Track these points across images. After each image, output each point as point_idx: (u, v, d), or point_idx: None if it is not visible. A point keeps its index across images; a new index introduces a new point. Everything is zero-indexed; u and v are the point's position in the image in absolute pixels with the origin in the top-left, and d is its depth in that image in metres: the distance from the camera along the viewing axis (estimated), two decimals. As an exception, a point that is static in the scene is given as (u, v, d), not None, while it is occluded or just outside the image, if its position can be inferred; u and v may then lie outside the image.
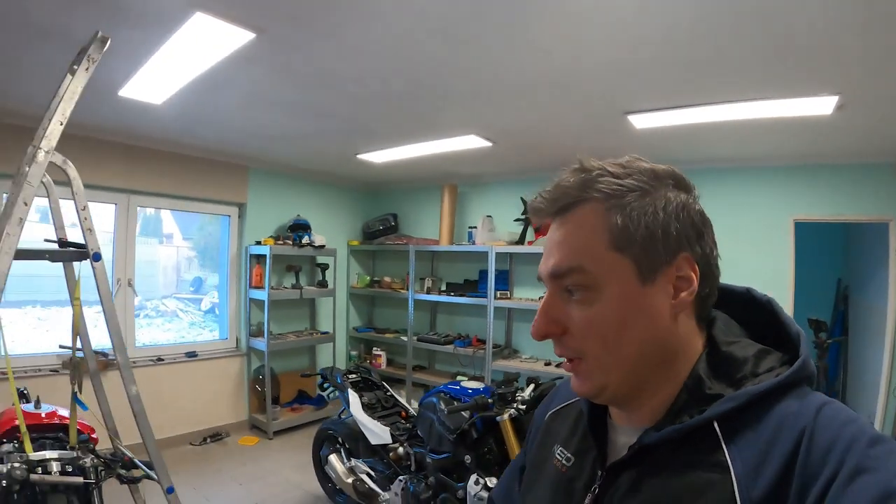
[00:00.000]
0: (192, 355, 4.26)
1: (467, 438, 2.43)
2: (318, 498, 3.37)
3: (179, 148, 3.98)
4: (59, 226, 1.88)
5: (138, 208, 4.03)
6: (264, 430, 4.39)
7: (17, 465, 1.58)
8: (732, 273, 0.71)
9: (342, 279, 5.22)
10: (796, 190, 3.66)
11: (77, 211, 1.63)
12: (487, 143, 3.51)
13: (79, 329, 1.90)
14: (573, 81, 2.46)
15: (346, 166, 4.54)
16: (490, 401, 2.41)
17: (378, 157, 4.03)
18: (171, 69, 2.53)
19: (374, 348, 5.13)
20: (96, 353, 3.66)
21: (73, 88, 1.51)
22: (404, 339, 4.87)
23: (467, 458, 2.42)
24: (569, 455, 0.70)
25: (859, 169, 3.49)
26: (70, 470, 1.74)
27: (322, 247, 4.58)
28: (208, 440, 4.17)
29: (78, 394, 1.92)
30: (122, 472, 1.82)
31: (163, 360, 4.10)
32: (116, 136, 3.70)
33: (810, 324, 4.45)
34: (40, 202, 2.09)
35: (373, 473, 2.89)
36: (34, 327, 4.00)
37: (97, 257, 1.62)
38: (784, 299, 3.64)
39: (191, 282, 6.00)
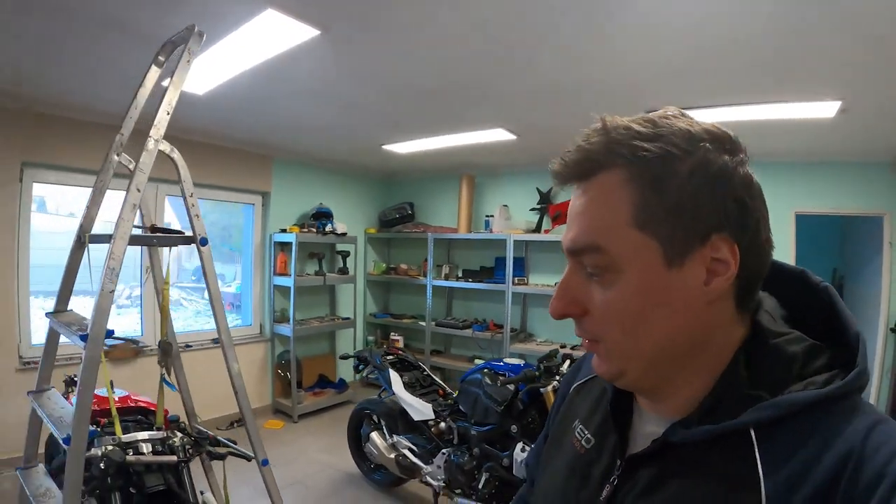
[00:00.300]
0: (217, 342, 4.36)
1: (513, 409, 2.62)
2: (352, 476, 3.52)
3: (208, 138, 4.06)
4: (145, 213, 1.99)
5: (167, 197, 4.11)
6: (289, 413, 4.52)
7: (111, 447, 1.61)
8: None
9: (360, 266, 5.37)
10: (798, 184, 3.91)
11: (185, 197, 1.74)
12: (512, 137, 3.67)
13: (167, 314, 2.00)
14: (607, 86, 2.64)
15: (369, 156, 4.67)
16: (536, 374, 2.60)
17: (403, 147, 4.17)
18: (224, 62, 2.63)
19: (392, 333, 5.30)
20: (127, 340, 3.79)
21: (178, 78, 1.62)
22: (422, 323, 5.05)
23: (513, 428, 2.60)
24: (588, 436, 0.65)
25: (858, 167, 3.75)
26: (160, 449, 1.79)
27: (344, 234, 4.71)
28: (235, 424, 4.29)
29: (166, 376, 2.03)
30: (210, 449, 1.92)
31: (191, 346, 4.19)
32: (147, 126, 3.78)
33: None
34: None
35: (415, 448, 3.05)
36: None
37: (204, 242, 1.73)
38: None
39: (192, 271, 6.06)
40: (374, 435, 3.20)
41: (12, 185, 3.28)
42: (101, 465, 1.65)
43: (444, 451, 2.89)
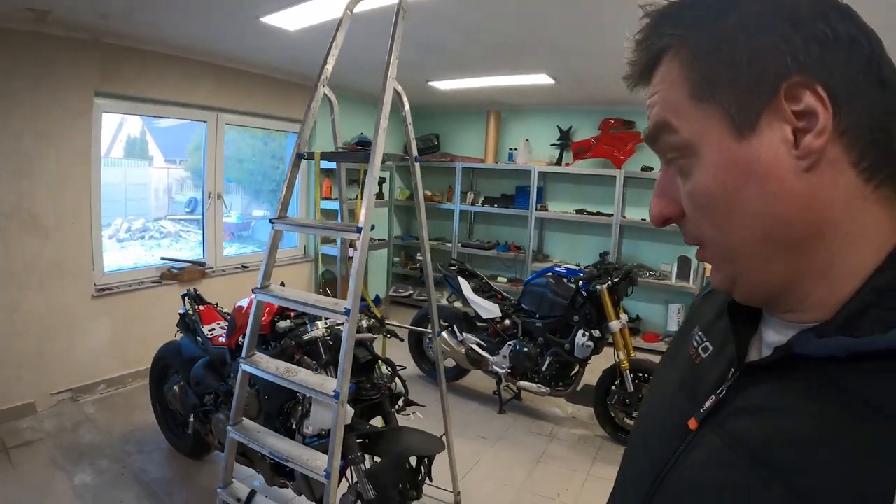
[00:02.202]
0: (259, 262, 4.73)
1: (576, 303, 3.27)
2: (414, 378, 3.94)
3: (269, 71, 4.23)
4: (338, 135, 2.38)
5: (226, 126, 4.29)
6: (332, 325, 5.02)
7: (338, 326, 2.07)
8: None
9: (388, 192, 5.76)
10: None
11: (406, 125, 2.28)
12: (551, 82, 4.10)
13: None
14: None
15: (409, 92, 4.91)
16: (598, 273, 3.26)
17: (446, 85, 4.51)
18: (323, 7, 2.83)
19: (418, 254, 5.82)
20: (194, 262, 4.08)
21: (399, 31, 2.00)
22: (448, 244, 5.60)
23: (575, 318, 3.27)
24: (706, 343, 0.57)
25: None
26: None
27: (384, 162, 5.06)
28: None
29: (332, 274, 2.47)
30: (389, 328, 2.41)
31: (247, 267, 4.54)
32: (213, 58, 3.92)
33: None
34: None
35: (482, 343, 3.66)
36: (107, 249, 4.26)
37: (417, 160, 2.21)
38: None
39: (185, 203, 6.15)
40: (445, 334, 3.77)
41: (86, 115, 3.39)
42: (330, 340, 2.16)
43: (510, 342, 3.53)
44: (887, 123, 0.41)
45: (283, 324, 2.36)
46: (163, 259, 4.00)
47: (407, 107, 2.16)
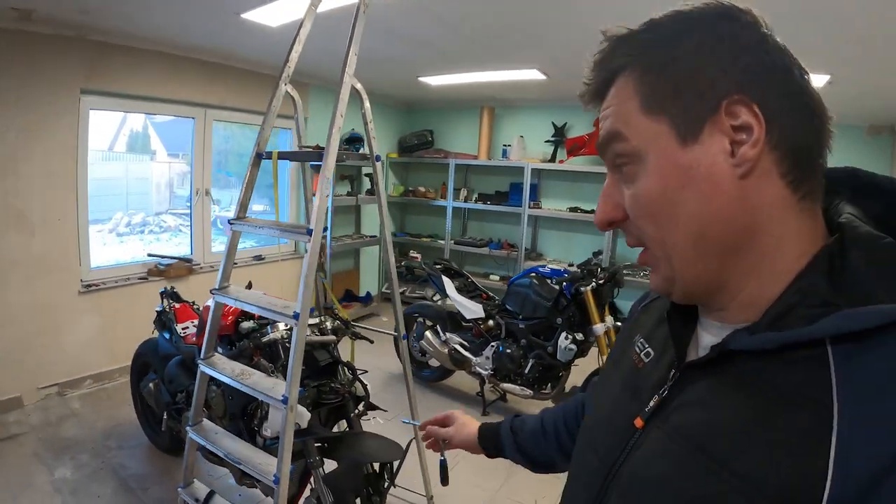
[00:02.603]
0: (258, 258, 4.75)
1: (559, 305, 3.21)
2: (397, 375, 3.99)
3: (258, 66, 4.21)
4: (301, 135, 2.35)
5: (214, 122, 4.29)
6: (323, 322, 5.02)
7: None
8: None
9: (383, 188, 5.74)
10: None
11: (365, 123, 2.19)
12: (543, 77, 4.03)
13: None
14: None
15: (401, 87, 4.93)
16: (582, 275, 3.19)
17: (437, 80, 4.46)
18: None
19: (411, 251, 5.79)
20: (181, 259, 4.09)
21: (358, 28, 1.95)
22: (441, 242, 5.56)
23: (558, 320, 3.21)
24: (648, 349, 0.61)
25: (836, 128, 4.30)
26: (317, 332, 2.24)
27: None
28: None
29: (323, 276, 2.46)
30: (353, 330, 2.39)
31: (237, 263, 4.53)
32: (200, 54, 3.92)
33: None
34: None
35: (466, 344, 3.63)
36: (107, 243, 4.32)
37: (378, 158, 2.17)
38: None
39: (186, 198, 6.20)
40: (428, 333, 3.75)
41: (72, 114, 3.41)
42: (289, 343, 2.12)
43: (493, 343, 3.48)
44: (810, 144, 0.48)
45: (246, 324, 2.35)
46: (149, 255, 4.02)
47: (367, 104, 2.11)
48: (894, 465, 0.35)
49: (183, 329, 2.76)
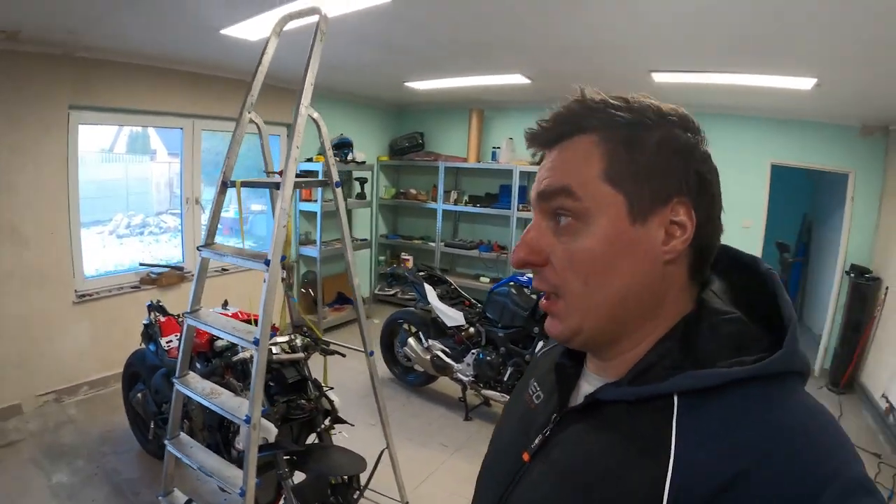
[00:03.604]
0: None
1: (536, 314, 3.26)
2: (384, 379, 4.06)
3: (243, 75, 4.27)
4: (268, 161, 2.39)
5: (202, 132, 4.36)
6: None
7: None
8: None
9: (374, 192, 5.81)
10: (776, 138, 4.45)
11: (325, 150, 2.18)
12: (527, 81, 4.04)
13: (290, 240, 2.46)
14: (618, 47, 2.98)
15: (388, 91, 4.98)
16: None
17: (423, 85, 4.49)
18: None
19: (402, 253, 5.86)
20: (172, 267, 4.17)
21: (315, 56, 1.99)
22: (431, 244, 5.63)
23: (535, 329, 3.26)
24: (539, 392, 0.69)
25: (830, 127, 4.28)
26: (287, 349, 2.30)
27: (363, 163, 5.10)
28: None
29: (289, 292, 2.52)
30: (323, 346, 2.46)
31: (227, 270, 4.62)
32: (185, 66, 3.98)
33: (777, 246, 5.43)
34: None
35: (448, 351, 3.68)
36: (103, 247, 4.42)
37: (338, 184, 2.20)
38: (758, 227, 4.55)
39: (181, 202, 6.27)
40: (412, 340, 3.81)
41: (61, 128, 3.49)
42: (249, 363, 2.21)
43: (473, 351, 3.54)
44: (714, 244, 0.58)
45: (219, 343, 2.43)
46: (141, 265, 4.12)
47: (325, 131, 2.15)
48: (720, 491, 0.44)
49: (167, 342, 2.85)
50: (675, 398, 0.50)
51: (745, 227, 4.54)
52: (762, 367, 0.48)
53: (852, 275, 4.30)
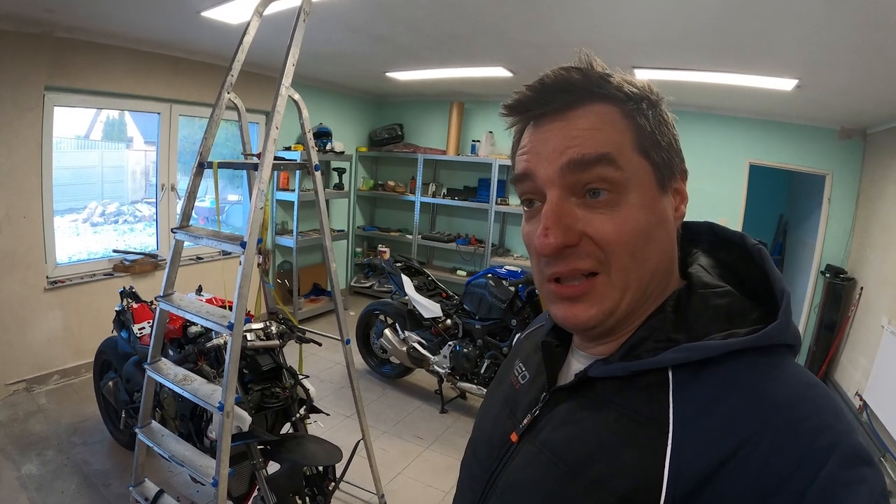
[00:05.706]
0: (226, 253, 4.76)
1: (514, 306, 3.29)
2: (360, 372, 4.04)
3: (222, 61, 4.20)
4: (246, 142, 2.38)
5: (180, 117, 4.28)
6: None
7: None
8: (694, 201, 0.67)
9: (352, 183, 5.78)
10: (755, 138, 4.51)
11: (304, 133, 2.18)
12: (509, 74, 4.06)
13: (267, 226, 2.43)
14: (602, 45, 3.02)
15: (369, 81, 4.95)
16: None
17: (405, 76, 4.47)
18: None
19: (379, 245, 5.85)
20: (146, 254, 4.12)
21: (297, 36, 1.97)
22: (408, 236, 5.63)
23: (513, 321, 3.29)
24: (525, 372, 0.69)
25: (809, 129, 4.35)
26: (262, 336, 2.29)
27: (342, 153, 5.07)
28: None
29: (265, 278, 2.50)
30: (299, 334, 2.44)
31: (202, 258, 4.57)
32: (164, 49, 3.90)
33: (752, 244, 5.54)
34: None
35: (424, 342, 3.68)
36: (77, 235, 4.31)
37: (317, 168, 2.20)
38: (734, 225, 4.51)
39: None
40: (388, 332, 3.81)
41: (36, 110, 3.40)
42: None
43: (450, 343, 3.55)
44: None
45: (193, 329, 2.41)
46: (115, 251, 4.05)
47: (305, 114, 2.14)
48: (720, 465, 0.43)
49: (140, 329, 2.81)
50: (670, 372, 0.49)
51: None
52: (758, 339, 0.48)
53: (827, 275, 4.34)
